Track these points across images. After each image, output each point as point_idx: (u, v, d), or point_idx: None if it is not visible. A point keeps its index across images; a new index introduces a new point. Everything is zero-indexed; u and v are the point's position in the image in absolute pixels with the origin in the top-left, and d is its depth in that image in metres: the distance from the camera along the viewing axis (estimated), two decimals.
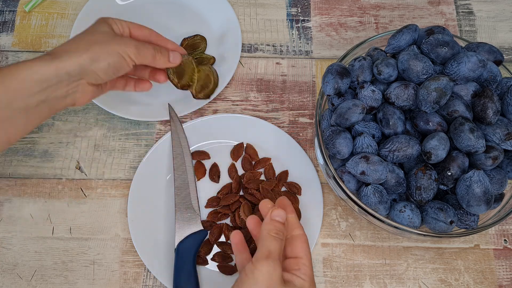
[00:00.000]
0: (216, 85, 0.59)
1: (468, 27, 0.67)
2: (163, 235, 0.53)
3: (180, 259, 0.50)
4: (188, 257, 0.50)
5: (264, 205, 0.42)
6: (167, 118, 0.59)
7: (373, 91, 0.47)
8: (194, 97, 0.57)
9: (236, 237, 0.44)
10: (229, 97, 0.62)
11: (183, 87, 0.56)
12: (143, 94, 0.61)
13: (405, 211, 0.44)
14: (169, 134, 0.57)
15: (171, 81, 0.55)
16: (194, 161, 0.57)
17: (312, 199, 0.55)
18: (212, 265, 0.52)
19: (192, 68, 0.56)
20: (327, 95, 0.49)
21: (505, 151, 0.46)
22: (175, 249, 0.51)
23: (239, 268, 0.43)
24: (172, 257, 0.51)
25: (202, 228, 0.52)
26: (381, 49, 0.52)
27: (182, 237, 0.51)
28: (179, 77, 0.55)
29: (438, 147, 0.43)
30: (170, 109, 0.58)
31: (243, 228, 0.53)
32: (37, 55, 0.64)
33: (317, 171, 0.56)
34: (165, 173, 0.56)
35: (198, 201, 0.54)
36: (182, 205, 0.53)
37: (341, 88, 0.48)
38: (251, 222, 0.43)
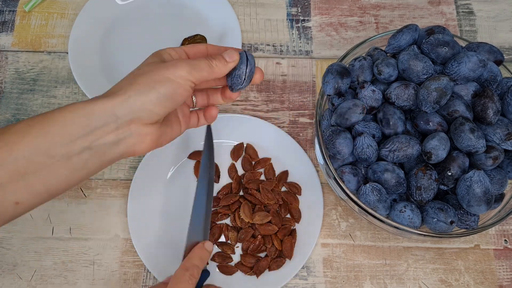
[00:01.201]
0: None
1: (468, 27, 0.67)
2: (163, 235, 0.53)
3: None
4: None
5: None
6: None
7: (373, 91, 0.47)
8: None
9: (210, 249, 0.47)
10: None
11: None
12: None
13: (405, 211, 0.44)
14: None
15: None
16: (206, 176, 0.49)
17: (312, 199, 0.55)
18: (212, 265, 0.52)
19: None
20: (327, 95, 0.49)
21: (506, 151, 0.46)
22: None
23: None
24: (172, 257, 0.51)
25: (206, 269, 0.46)
26: (381, 49, 0.52)
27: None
28: None
29: (438, 147, 0.43)
30: (208, 128, 0.51)
31: (243, 228, 0.53)
32: (36, 55, 0.64)
33: (317, 171, 0.56)
34: (165, 173, 0.56)
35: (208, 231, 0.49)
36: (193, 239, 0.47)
37: (341, 88, 0.48)
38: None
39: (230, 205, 0.54)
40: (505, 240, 0.55)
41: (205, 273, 0.47)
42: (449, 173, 0.44)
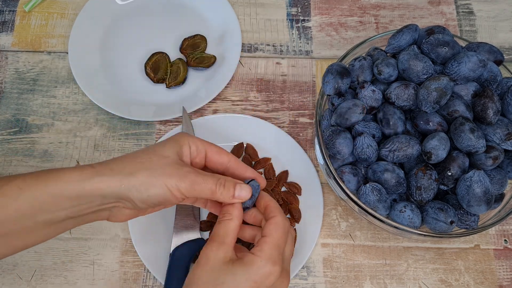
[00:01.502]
0: (185, 73, 0.62)
1: (468, 27, 0.67)
2: (163, 236, 0.53)
3: (174, 265, 0.49)
4: (182, 264, 0.49)
5: None
6: (167, 118, 0.58)
7: (373, 91, 0.47)
8: (166, 86, 0.61)
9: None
10: (229, 97, 0.62)
11: (158, 81, 0.61)
12: (142, 94, 0.62)
13: (405, 211, 0.44)
14: (169, 134, 0.57)
15: (148, 76, 0.62)
16: None
17: (312, 199, 0.55)
18: None
19: (166, 63, 0.62)
20: (327, 95, 0.49)
21: (506, 151, 0.46)
22: (170, 253, 0.50)
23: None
24: None
25: (200, 236, 0.52)
26: (381, 49, 0.52)
27: (179, 243, 0.51)
28: (154, 72, 0.62)
29: (438, 147, 0.43)
30: (184, 111, 0.58)
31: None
32: (36, 55, 0.64)
33: (317, 171, 0.56)
34: None
35: (199, 209, 0.54)
36: (183, 211, 0.53)
37: (341, 88, 0.48)
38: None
39: None
40: (505, 240, 0.55)
41: (200, 241, 0.49)
42: (449, 173, 0.44)
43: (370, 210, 0.45)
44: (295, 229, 0.53)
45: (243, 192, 0.39)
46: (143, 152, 0.38)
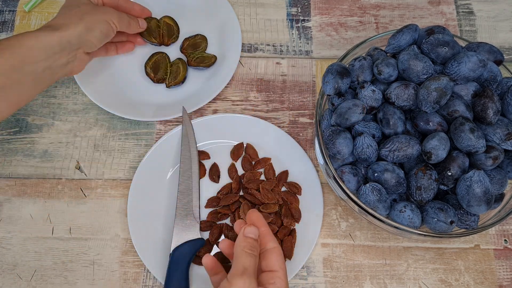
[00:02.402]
0: (185, 72, 0.62)
1: (468, 27, 0.67)
2: (163, 235, 0.53)
3: (174, 265, 0.49)
4: (182, 264, 0.50)
5: (238, 224, 0.43)
6: (167, 118, 0.58)
7: (373, 91, 0.47)
8: (166, 86, 0.62)
9: (208, 262, 0.43)
10: (229, 97, 0.62)
11: (158, 81, 0.62)
12: (142, 94, 0.62)
13: (405, 211, 0.44)
14: (169, 134, 0.57)
15: (148, 76, 0.62)
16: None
17: (312, 199, 0.55)
18: None
19: (166, 63, 0.63)
20: (327, 95, 0.49)
21: (506, 151, 0.46)
22: (170, 253, 0.50)
23: (215, 286, 0.43)
24: None
25: (200, 236, 0.52)
26: (381, 49, 0.52)
27: (179, 243, 0.51)
28: (155, 72, 0.62)
29: (438, 147, 0.43)
30: (184, 111, 0.58)
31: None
32: None
33: (317, 171, 0.56)
34: (165, 173, 0.56)
35: (199, 209, 0.54)
36: (183, 211, 0.53)
37: (341, 88, 0.48)
38: (223, 245, 0.43)
39: (230, 205, 0.54)
40: (505, 240, 0.55)
41: (200, 241, 0.49)
42: (449, 173, 0.44)
43: (370, 210, 0.45)
44: (294, 229, 0.53)
45: (144, 24, 0.60)
46: (69, 7, 0.51)
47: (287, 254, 0.51)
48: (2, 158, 0.58)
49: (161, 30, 0.64)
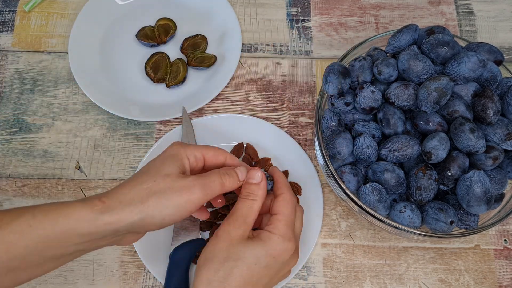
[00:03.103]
0: (185, 72, 0.62)
1: (468, 27, 0.67)
2: (163, 236, 0.53)
3: (174, 265, 0.49)
4: (182, 264, 0.50)
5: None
6: (167, 118, 0.58)
7: (373, 91, 0.47)
8: (166, 86, 0.61)
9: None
10: (229, 97, 0.62)
11: (158, 81, 0.62)
12: (142, 94, 0.62)
13: (405, 211, 0.44)
14: (169, 134, 0.57)
15: (148, 76, 0.62)
16: None
17: (312, 199, 0.55)
18: None
19: (166, 63, 0.62)
20: (330, 95, 0.48)
21: (506, 151, 0.46)
22: (170, 253, 0.50)
23: None
24: None
25: (200, 237, 0.52)
26: (381, 49, 0.52)
27: (179, 243, 0.51)
28: (155, 72, 0.62)
29: (438, 147, 0.43)
30: (184, 111, 0.58)
31: None
32: (36, 55, 0.64)
33: (317, 171, 0.56)
34: None
35: None
36: None
37: (343, 88, 0.48)
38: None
39: (230, 205, 0.54)
40: (505, 240, 0.55)
41: (200, 241, 0.49)
42: (449, 173, 0.44)
43: (370, 210, 0.45)
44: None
45: (243, 173, 0.41)
46: (145, 175, 0.38)
47: None
48: (2, 158, 0.58)
49: (156, 32, 0.64)
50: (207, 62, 0.62)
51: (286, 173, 0.56)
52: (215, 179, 0.39)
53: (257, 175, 0.40)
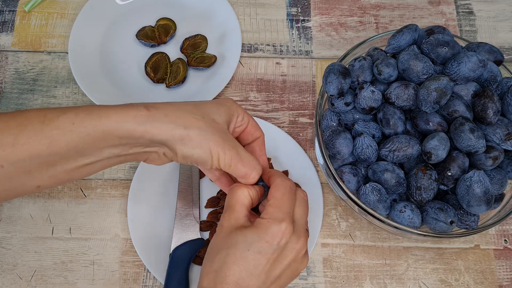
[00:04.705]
0: (185, 72, 0.62)
1: (468, 27, 0.67)
2: (163, 235, 0.53)
3: (174, 265, 0.49)
4: (182, 264, 0.50)
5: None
6: None
7: (373, 91, 0.47)
8: (166, 86, 0.61)
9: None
10: (229, 97, 0.62)
11: (158, 81, 0.62)
12: (142, 94, 0.62)
13: (405, 211, 0.44)
14: None
15: (148, 76, 0.62)
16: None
17: (312, 199, 0.55)
18: None
19: (166, 63, 0.63)
20: (330, 95, 0.48)
21: (505, 151, 0.46)
22: (170, 253, 0.50)
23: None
24: None
25: (200, 237, 0.52)
26: (381, 49, 0.52)
27: (179, 243, 0.51)
28: (155, 72, 0.62)
29: (438, 147, 0.43)
30: None
31: None
32: (36, 55, 0.64)
33: (317, 171, 0.56)
34: (165, 173, 0.56)
35: (199, 209, 0.54)
36: (183, 211, 0.53)
37: (344, 88, 0.48)
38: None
39: None
40: (505, 240, 0.55)
41: (200, 241, 0.49)
42: (449, 173, 0.44)
43: (370, 210, 0.45)
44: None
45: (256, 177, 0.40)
46: (196, 107, 0.38)
47: None
48: None
49: (157, 32, 0.64)
50: (207, 62, 0.62)
51: (286, 173, 0.56)
52: (245, 165, 0.38)
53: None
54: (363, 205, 0.45)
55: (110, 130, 0.34)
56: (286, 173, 0.56)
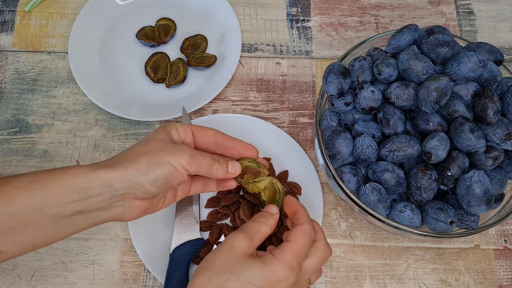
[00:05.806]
0: (185, 72, 0.62)
1: (468, 27, 0.67)
2: (163, 236, 0.53)
3: (173, 265, 0.49)
4: (182, 264, 0.50)
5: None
6: (167, 118, 0.58)
7: (373, 91, 0.47)
8: (166, 86, 0.62)
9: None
10: (229, 97, 0.62)
11: (158, 81, 0.62)
12: (142, 94, 0.62)
13: (405, 211, 0.44)
14: None
15: (148, 76, 0.62)
16: None
17: (312, 199, 0.55)
18: None
19: (166, 63, 0.62)
20: (330, 95, 0.48)
21: (505, 151, 0.46)
22: (170, 253, 0.50)
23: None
24: None
25: (200, 237, 0.52)
26: (381, 49, 0.52)
27: (179, 243, 0.51)
28: (155, 72, 0.62)
29: (438, 147, 0.43)
30: (184, 111, 0.57)
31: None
32: (36, 55, 0.64)
33: (317, 171, 0.56)
34: None
35: (199, 209, 0.54)
36: (183, 211, 0.53)
37: (344, 88, 0.48)
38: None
39: (230, 205, 0.54)
40: (505, 240, 0.55)
41: (200, 241, 0.50)
42: (449, 173, 0.44)
43: (370, 210, 0.45)
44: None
45: (235, 168, 0.43)
46: (137, 144, 0.40)
47: None
48: (2, 158, 0.58)
49: (157, 32, 0.64)
50: (207, 62, 0.62)
51: (286, 173, 0.56)
52: (206, 157, 0.40)
53: (273, 208, 0.41)
54: (363, 205, 0.45)
55: (66, 185, 0.36)
56: (286, 173, 0.56)
